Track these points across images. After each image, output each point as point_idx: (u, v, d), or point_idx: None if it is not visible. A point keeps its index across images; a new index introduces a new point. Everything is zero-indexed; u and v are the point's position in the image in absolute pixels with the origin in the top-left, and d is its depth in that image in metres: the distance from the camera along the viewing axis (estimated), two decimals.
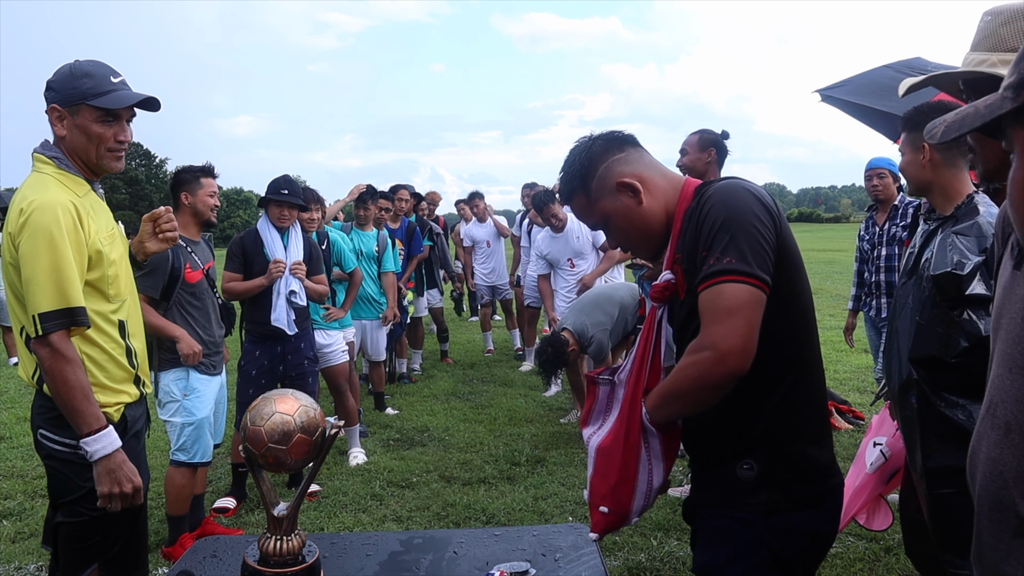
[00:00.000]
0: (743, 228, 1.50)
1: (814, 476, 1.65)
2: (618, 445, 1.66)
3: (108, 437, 2.14)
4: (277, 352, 4.55)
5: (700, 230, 1.55)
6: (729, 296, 1.46)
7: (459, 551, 2.08)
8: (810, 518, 1.64)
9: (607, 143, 1.75)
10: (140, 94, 2.26)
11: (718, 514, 1.67)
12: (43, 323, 2.05)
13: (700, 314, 1.51)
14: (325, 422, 1.88)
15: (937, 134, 1.07)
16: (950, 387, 2.24)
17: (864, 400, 6.65)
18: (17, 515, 4.46)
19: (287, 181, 4.62)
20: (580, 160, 1.74)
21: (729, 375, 1.48)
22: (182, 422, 3.75)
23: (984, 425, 1.13)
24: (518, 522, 4.22)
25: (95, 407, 2.13)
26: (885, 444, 2.87)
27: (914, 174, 2.50)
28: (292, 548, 1.86)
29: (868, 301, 5.06)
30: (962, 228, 2.32)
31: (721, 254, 1.48)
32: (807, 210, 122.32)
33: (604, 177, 1.71)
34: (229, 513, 4.50)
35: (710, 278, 1.49)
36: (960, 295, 2.21)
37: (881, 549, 3.76)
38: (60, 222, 2.09)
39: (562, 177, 1.79)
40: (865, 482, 2.95)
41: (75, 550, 2.24)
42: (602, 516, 1.70)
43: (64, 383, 2.09)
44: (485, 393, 7.30)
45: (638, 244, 1.77)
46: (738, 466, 1.62)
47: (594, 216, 1.77)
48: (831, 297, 14.08)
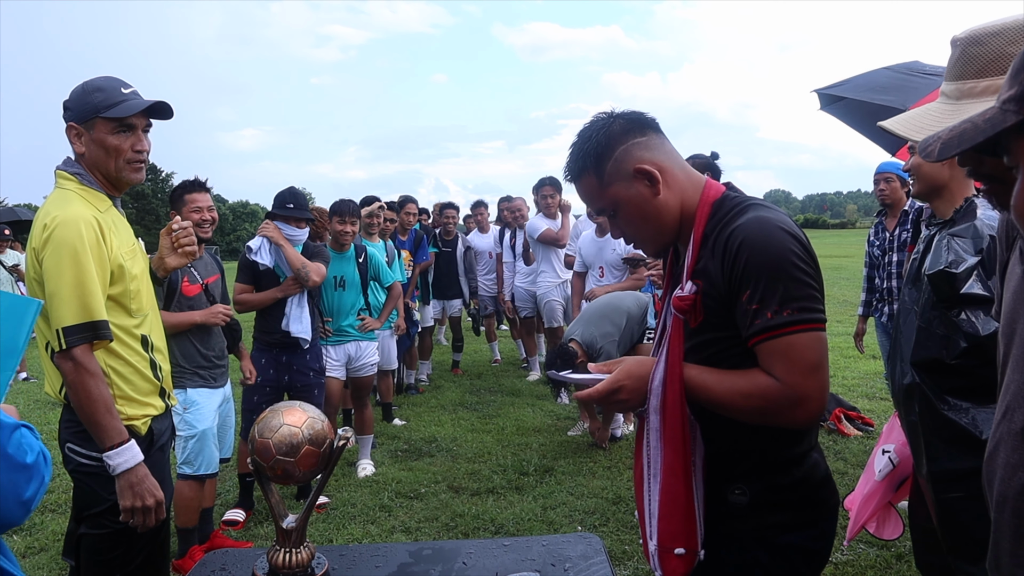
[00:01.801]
0: (792, 275, 1.45)
1: (807, 498, 1.62)
2: (676, 476, 1.57)
3: (130, 451, 2.16)
4: (282, 362, 4.58)
5: (734, 269, 1.48)
6: (804, 348, 1.44)
7: (468, 562, 2.07)
8: (805, 536, 1.61)
9: (629, 124, 1.62)
10: (149, 100, 2.29)
11: (713, 536, 1.62)
12: (66, 337, 2.08)
13: (765, 358, 1.47)
14: (333, 434, 1.88)
15: (934, 152, 1.05)
16: (952, 390, 2.22)
17: (873, 406, 6.62)
18: (27, 530, 4.47)
19: (292, 194, 4.65)
20: (597, 137, 1.61)
21: (803, 424, 1.49)
22: (185, 435, 3.77)
23: (1001, 431, 1.12)
24: (527, 532, 4.21)
25: (117, 421, 2.15)
26: (893, 451, 2.85)
27: (929, 172, 2.45)
28: (301, 560, 1.86)
29: (879, 307, 5.04)
30: (959, 230, 2.31)
31: (779, 307, 1.44)
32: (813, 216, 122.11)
33: (621, 160, 1.60)
34: (239, 526, 4.51)
35: (773, 330, 1.45)
36: (955, 294, 2.20)
37: (892, 556, 3.74)
38: (83, 237, 2.13)
39: (573, 152, 1.65)
40: (874, 490, 2.93)
41: (97, 562, 2.26)
42: (679, 560, 1.58)
43: (87, 396, 2.12)
44: (493, 403, 7.29)
45: (646, 238, 1.69)
46: (730, 491, 1.59)
47: (602, 201, 1.64)
48: (838, 303, 14.04)
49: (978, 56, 1.41)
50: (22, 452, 1.29)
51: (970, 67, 1.43)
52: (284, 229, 4.54)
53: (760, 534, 1.58)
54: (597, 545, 2.15)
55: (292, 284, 4.50)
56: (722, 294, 1.51)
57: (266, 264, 4.52)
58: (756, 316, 1.45)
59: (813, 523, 1.61)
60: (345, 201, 5.17)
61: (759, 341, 1.46)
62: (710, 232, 1.56)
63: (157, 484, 2.21)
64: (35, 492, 1.31)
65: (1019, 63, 0.98)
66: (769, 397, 1.46)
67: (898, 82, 4.65)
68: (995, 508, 1.13)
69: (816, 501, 1.62)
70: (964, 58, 1.44)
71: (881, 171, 4.95)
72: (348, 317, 5.20)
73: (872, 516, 2.96)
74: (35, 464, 1.31)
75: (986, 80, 1.40)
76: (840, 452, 5.39)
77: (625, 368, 1.62)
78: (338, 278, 5.16)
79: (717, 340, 1.56)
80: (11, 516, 1.30)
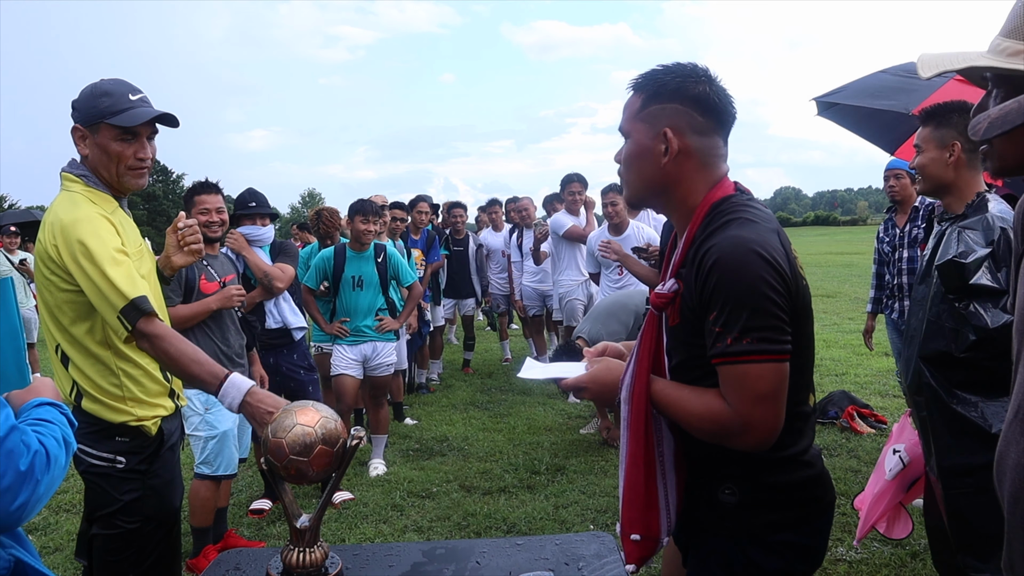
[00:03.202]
0: (758, 304, 1.45)
1: (798, 498, 1.62)
2: (637, 467, 1.62)
3: (233, 387, 2.08)
4: (270, 364, 4.60)
5: (704, 287, 1.50)
6: (755, 379, 1.45)
7: (481, 561, 2.07)
8: (799, 533, 1.62)
9: (704, 99, 1.61)
10: (155, 111, 2.30)
11: (705, 536, 1.67)
12: (126, 320, 2.11)
13: (723, 386, 1.50)
14: (346, 433, 1.89)
15: (981, 130, 1.06)
16: (961, 384, 2.23)
17: (886, 404, 6.58)
18: (42, 530, 4.50)
19: (252, 194, 4.65)
20: (673, 80, 1.61)
21: (753, 449, 1.51)
22: (205, 435, 3.78)
23: (1012, 430, 1.11)
24: (539, 531, 4.21)
25: (208, 365, 2.15)
26: (904, 450, 2.84)
27: (935, 172, 2.47)
28: (315, 560, 1.86)
29: (890, 304, 5.02)
30: (970, 223, 2.32)
31: (740, 334, 1.44)
32: (823, 213, 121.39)
33: (667, 114, 1.61)
34: (263, 514, 4.62)
35: (731, 356, 1.46)
36: (964, 284, 2.20)
37: (907, 555, 3.71)
38: (98, 231, 2.15)
39: (653, 72, 1.65)
40: (885, 489, 2.91)
41: (110, 562, 2.28)
42: (635, 545, 1.64)
43: (170, 360, 2.15)
44: (504, 402, 7.30)
45: (628, 180, 1.72)
46: (720, 491, 1.61)
47: (628, 124, 1.67)
48: (850, 300, 13.97)
49: None
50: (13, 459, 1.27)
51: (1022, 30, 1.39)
52: (250, 231, 4.53)
53: (753, 533, 1.60)
54: (610, 544, 2.14)
55: (261, 291, 4.51)
56: (695, 305, 1.53)
57: None
58: (718, 339, 1.47)
59: (806, 520, 1.62)
60: (366, 201, 5.20)
61: (718, 364, 1.49)
62: (699, 237, 1.57)
63: (277, 401, 2.06)
64: (26, 499, 1.29)
65: None
66: (719, 421, 1.50)
67: (897, 84, 4.64)
68: (1007, 508, 1.12)
69: (808, 500, 1.63)
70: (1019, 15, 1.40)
71: (891, 168, 4.93)
72: (366, 317, 5.22)
73: (883, 516, 2.95)
74: (28, 470, 1.29)
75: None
76: (853, 450, 5.37)
77: (592, 374, 1.72)
78: (356, 278, 5.17)
79: (690, 344, 1.58)
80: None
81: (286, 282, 4.53)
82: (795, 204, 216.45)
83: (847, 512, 4.24)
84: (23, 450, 1.29)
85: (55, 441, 1.39)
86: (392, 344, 5.41)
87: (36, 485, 1.30)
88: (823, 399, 6.38)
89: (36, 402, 1.48)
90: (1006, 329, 2.10)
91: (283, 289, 4.54)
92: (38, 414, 1.45)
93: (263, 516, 4.63)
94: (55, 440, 1.39)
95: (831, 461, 5.16)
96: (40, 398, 1.51)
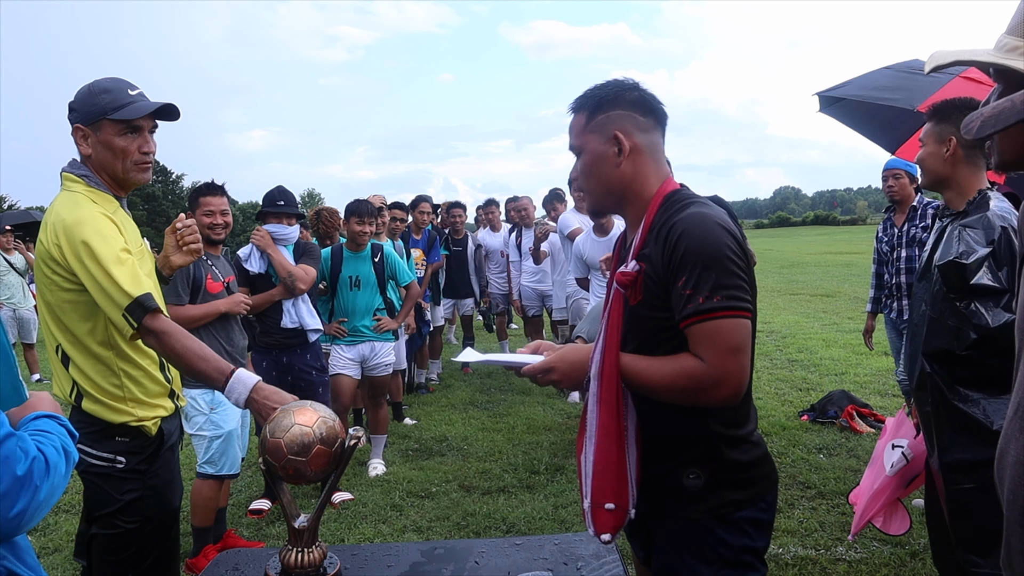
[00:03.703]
0: (724, 266, 1.59)
1: (754, 476, 1.75)
2: (610, 438, 1.69)
3: (239, 383, 2.09)
4: (283, 362, 4.62)
5: (672, 257, 1.62)
6: (728, 332, 1.57)
7: (480, 561, 2.07)
8: (756, 509, 1.74)
9: (640, 101, 1.79)
10: (157, 103, 2.30)
11: (672, 520, 1.75)
12: (132, 316, 2.11)
13: (696, 344, 1.60)
14: (344, 433, 1.89)
15: (974, 129, 1.06)
16: (964, 381, 2.25)
17: (886, 403, 6.58)
18: (41, 530, 4.50)
19: (281, 192, 4.68)
20: (611, 92, 1.79)
21: (724, 402, 1.61)
22: (210, 435, 3.79)
23: (1012, 428, 1.11)
24: (539, 531, 4.20)
25: (214, 361, 2.14)
26: (907, 446, 2.84)
27: (932, 166, 2.51)
28: (313, 560, 1.86)
29: (888, 303, 5.02)
30: (970, 221, 2.34)
31: (710, 292, 1.57)
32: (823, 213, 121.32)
33: (612, 120, 1.78)
34: (262, 514, 4.62)
35: (702, 314, 1.58)
36: (964, 285, 2.23)
37: (907, 554, 3.71)
38: (101, 230, 2.15)
39: (587, 91, 1.83)
40: (884, 485, 2.92)
41: (109, 562, 2.28)
42: (609, 515, 1.70)
43: (176, 356, 2.15)
44: (503, 402, 7.29)
45: (590, 190, 1.86)
46: (684, 475, 1.71)
47: (577, 140, 1.83)
48: (849, 300, 13.98)
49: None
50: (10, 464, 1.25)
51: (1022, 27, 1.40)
52: (276, 229, 4.57)
53: (719, 513, 1.70)
54: (610, 544, 2.14)
55: (281, 290, 4.54)
56: (661, 278, 1.66)
57: (256, 271, 4.59)
58: (689, 301, 1.59)
59: (762, 496, 1.76)
60: (362, 201, 5.20)
61: (690, 324, 1.60)
62: (658, 221, 1.72)
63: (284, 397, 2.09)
64: (25, 506, 1.26)
65: None
66: (694, 376, 1.59)
67: (900, 81, 4.65)
68: (1006, 505, 1.12)
69: (761, 476, 1.77)
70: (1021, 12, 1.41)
71: (889, 167, 4.94)
72: (364, 317, 5.22)
73: (880, 511, 2.96)
74: (26, 475, 1.26)
75: None
76: (853, 449, 5.37)
77: (560, 355, 1.80)
78: (353, 278, 5.18)
79: (653, 319, 1.69)
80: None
81: (308, 283, 4.57)
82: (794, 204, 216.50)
83: (846, 512, 4.24)
84: (20, 456, 1.27)
85: (54, 450, 1.37)
86: (390, 344, 5.41)
87: (35, 492, 1.28)
88: (822, 398, 6.38)
89: (34, 415, 1.47)
90: (1007, 328, 2.15)
91: (304, 290, 4.57)
92: (37, 426, 1.43)
93: (262, 516, 4.63)
94: (54, 449, 1.37)
95: (831, 460, 5.16)
96: (39, 411, 1.50)
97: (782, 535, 3.99)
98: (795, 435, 5.75)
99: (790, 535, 4.00)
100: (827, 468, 4.99)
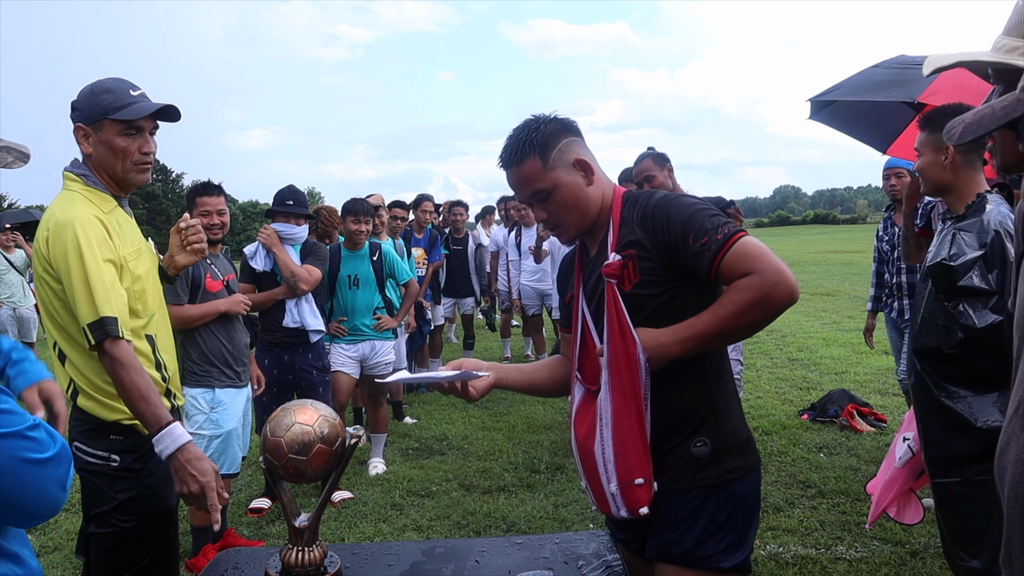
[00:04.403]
0: (712, 211, 1.75)
1: (751, 444, 1.89)
2: (630, 420, 1.78)
3: (169, 436, 2.12)
4: (284, 361, 4.62)
5: (669, 230, 1.75)
6: (752, 245, 1.69)
7: (481, 560, 2.07)
8: (752, 482, 1.86)
9: (564, 124, 1.89)
10: (158, 103, 2.30)
11: (677, 492, 1.82)
12: (92, 333, 2.10)
13: (731, 269, 1.69)
14: (345, 432, 1.88)
15: (955, 135, 1.07)
16: (952, 378, 2.32)
17: (886, 402, 6.58)
18: (40, 529, 4.50)
19: (292, 192, 4.69)
20: (541, 131, 1.85)
21: (790, 297, 1.67)
22: (210, 434, 3.80)
23: (1013, 426, 1.11)
24: (539, 530, 4.20)
25: (155, 407, 2.13)
26: (912, 438, 2.89)
27: (934, 175, 2.58)
28: (314, 559, 1.86)
29: (889, 302, 5.02)
30: (965, 224, 2.42)
31: (714, 231, 1.70)
32: (823, 212, 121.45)
33: (564, 151, 1.86)
34: (262, 514, 4.61)
35: (722, 246, 1.69)
36: (952, 286, 2.31)
37: (907, 553, 3.71)
38: (88, 235, 2.14)
39: (514, 142, 1.86)
40: (895, 476, 3.00)
41: (107, 560, 2.28)
42: (641, 489, 1.78)
43: (121, 387, 2.13)
44: (503, 401, 7.29)
45: (570, 221, 1.91)
46: (692, 444, 1.81)
47: (543, 182, 1.85)
48: (849, 299, 13.98)
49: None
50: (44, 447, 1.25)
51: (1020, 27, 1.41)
52: (283, 228, 4.58)
53: (721, 480, 1.81)
54: (610, 543, 2.14)
55: (285, 290, 4.56)
56: (661, 254, 1.78)
57: (261, 269, 4.60)
58: (707, 246, 1.70)
59: (755, 466, 1.87)
60: (359, 200, 5.21)
61: (720, 258, 1.69)
62: (628, 216, 1.85)
63: (205, 468, 2.14)
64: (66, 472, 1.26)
65: None
66: (756, 288, 1.66)
67: (893, 77, 4.67)
68: (1007, 504, 1.12)
69: (751, 446, 1.90)
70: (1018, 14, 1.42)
71: (890, 166, 4.93)
72: (363, 316, 5.22)
73: (893, 501, 3.04)
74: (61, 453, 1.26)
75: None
76: (853, 448, 5.37)
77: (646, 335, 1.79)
78: (352, 277, 5.18)
79: (654, 295, 1.80)
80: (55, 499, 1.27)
81: (311, 284, 4.58)
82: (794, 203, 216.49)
83: (847, 511, 4.24)
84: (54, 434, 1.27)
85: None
86: (390, 343, 5.41)
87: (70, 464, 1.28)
88: (823, 397, 6.38)
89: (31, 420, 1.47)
90: (993, 329, 2.23)
91: (307, 291, 4.58)
92: None
93: (262, 515, 4.63)
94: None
95: (831, 460, 5.16)
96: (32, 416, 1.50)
97: (782, 534, 3.99)
98: (795, 434, 5.75)
99: (790, 534, 4.00)
100: (827, 467, 4.99)
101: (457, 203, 8.87)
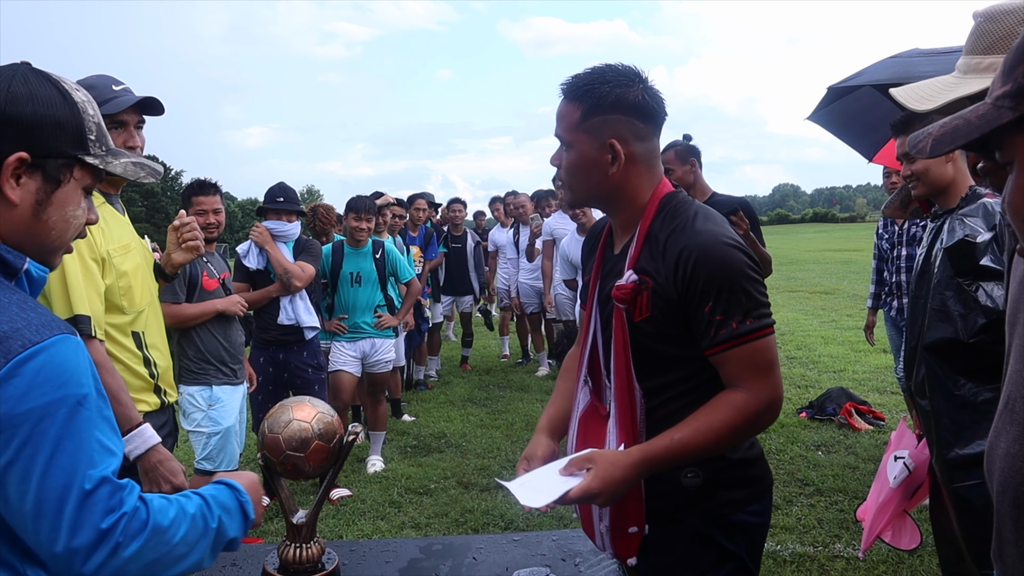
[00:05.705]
0: (749, 289, 1.56)
1: (750, 475, 1.71)
2: None
3: (140, 436, 2.13)
4: (279, 359, 4.63)
5: (691, 282, 1.54)
6: (764, 351, 1.56)
7: (478, 557, 2.07)
8: (751, 512, 1.69)
9: (643, 105, 1.63)
10: (137, 96, 2.29)
11: (667, 522, 1.67)
12: None
13: (730, 365, 1.56)
14: (343, 429, 1.88)
15: (926, 148, 1.04)
16: (966, 371, 2.22)
17: (884, 400, 6.59)
18: None
19: (282, 189, 4.69)
20: (612, 93, 1.61)
21: (771, 420, 1.61)
22: (209, 431, 3.79)
23: (1002, 421, 1.11)
24: (537, 527, 4.20)
25: (125, 407, 2.13)
26: (908, 456, 2.81)
27: (937, 175, 2.47)
28: (311, 556, 1.86)
29: (888, 301, 5.02)
30: (968, 210, 2.34)
31: (743, 316, 1.54)
32: (822, 210, 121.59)
33: (608, 123, 1.62)
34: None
35: (740, 338, 1.54)
36: (974, 265, 2.20)
37: (905, 552, 3.71)
38: None
39: (587, 79, 1.63)
40: (889, 498, 2.88)
41: None
42: (633, 538, 1.67)
43: None
44: (502, 399, 7.29)
45: (572, 186, 1.73)
46: (683, 475, 1.63)
47: (568, 134, 1.66)
48: (848, 297, 13.99)
49: (989, 32, 1.41)
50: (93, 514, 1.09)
51: (981, 42, 1.43)
52: (275, 226, 4.58)
53: (715, 514, 1.66)
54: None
55: (278, 287, 4.56)
56: (673, 300, 1.58)
57: (255, 267, 4.60)
58: (721, 326, 1.54)
59: (757, 498, 1.71)
60: (361, 198, 5.21)
61: (725, 349, 1.55)
62: (656, 231, 1.63)
63: (176, 469, 2.16)
64: (102, 561, 1.09)
65: (1012, 59, 0.96)
66: (747, 409, 1.55)
67: (909, 67, 4.63)
68: (996, 498, 1.12)
69: (757, 477, 1.72)
70: (977, 33, 1.44)
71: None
72: (364, 314, 5.22)
73: (887, 525, 2.91)
74: (109, 529, 1.10)
75: (991, 57, 1.39)
76: (851, 447, 5.37)
77: (599, 476, 1.51)
78: (354, 274, 5.18)
79: (664, 337, 1.62)
80: None
81: (304, 281, 4.57)
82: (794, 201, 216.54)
83: (844, 509, 4.25)
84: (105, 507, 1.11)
85: (179, 510, 1.22)
86: (391, 341, 5.41)
87: (117, 548, 1.10)
88: (821, 396, 6.39)
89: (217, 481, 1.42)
90: None
91: (300, 288, 4.58)
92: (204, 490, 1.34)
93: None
94: (180, 510, 1.22)
95: (829, 458, 5.16)
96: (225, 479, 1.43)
97: (780, 532, 4.00)
98: (793, 432, 5.75)
99: (788, 532, 4.00)
100: (825, 465, 4.99)
101: (455, 200, 8.87)
